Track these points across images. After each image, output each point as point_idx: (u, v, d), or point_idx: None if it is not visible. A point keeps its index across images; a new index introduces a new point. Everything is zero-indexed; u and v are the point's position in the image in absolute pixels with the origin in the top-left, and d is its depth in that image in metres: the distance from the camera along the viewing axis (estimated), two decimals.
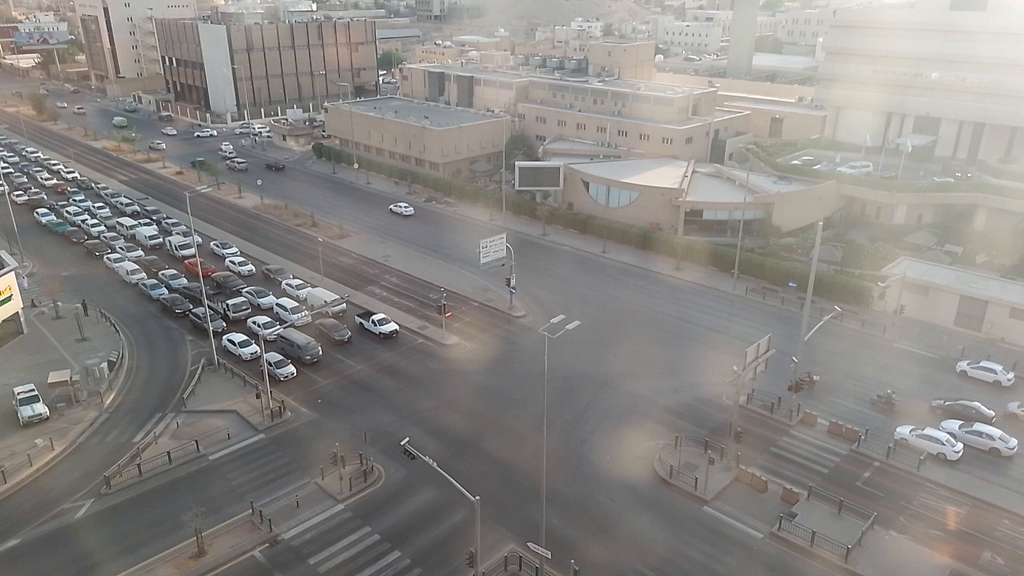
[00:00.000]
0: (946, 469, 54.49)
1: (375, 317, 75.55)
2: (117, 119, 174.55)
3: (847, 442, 57.35)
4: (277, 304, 78.97)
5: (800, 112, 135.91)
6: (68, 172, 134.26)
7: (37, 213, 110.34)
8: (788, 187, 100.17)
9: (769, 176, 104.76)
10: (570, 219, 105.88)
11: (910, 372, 67.46)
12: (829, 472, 54.50)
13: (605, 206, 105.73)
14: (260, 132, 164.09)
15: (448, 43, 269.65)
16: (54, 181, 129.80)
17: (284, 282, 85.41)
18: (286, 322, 75.19)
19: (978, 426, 57.69)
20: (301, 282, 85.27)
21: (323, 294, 79.93)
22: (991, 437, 56.59)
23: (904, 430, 57.61)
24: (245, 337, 71.62)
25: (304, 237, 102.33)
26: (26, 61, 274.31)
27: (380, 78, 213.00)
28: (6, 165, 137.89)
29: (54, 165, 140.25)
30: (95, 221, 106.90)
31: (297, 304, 78.95)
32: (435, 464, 41.36)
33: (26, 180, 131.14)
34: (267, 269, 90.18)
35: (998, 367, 66.08)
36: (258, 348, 69.11)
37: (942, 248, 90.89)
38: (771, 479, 53.05)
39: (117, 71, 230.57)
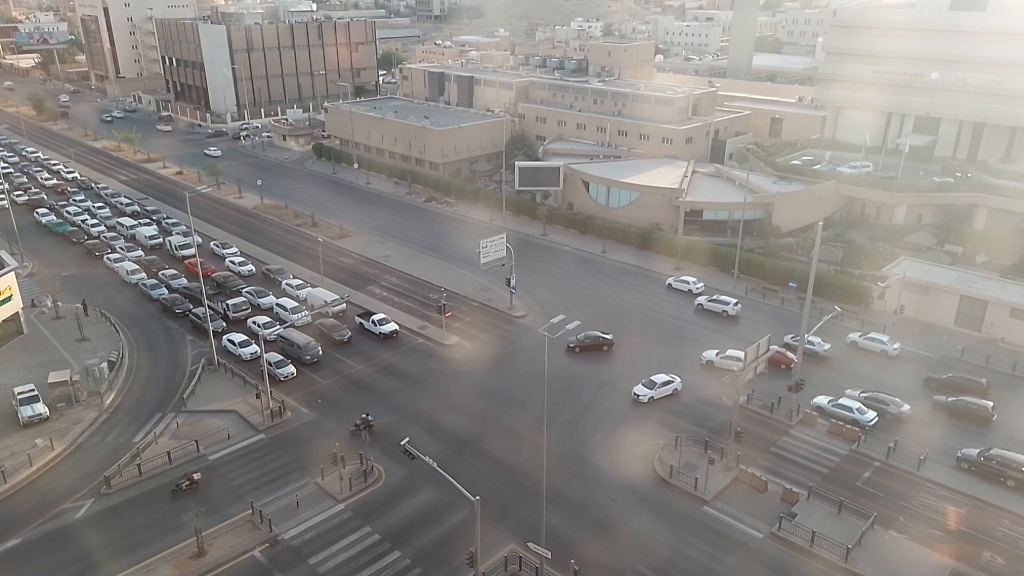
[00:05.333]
0: (946, 469, 54.52)
1: (375, 317, 75.55)
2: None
3: (847, 442, 57.36)
4: (277, 304, 78.97)
5: (800, 112, 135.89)
6: (68, 172, 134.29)
7: (37, 213, 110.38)
8: (788, 187, 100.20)
9: (769, 176, 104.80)
10: (570, 219, 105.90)
11: (907, 372, 67.51)
12: (829, 472, 54.50)
13: (605, 206, 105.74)
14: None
15: (448, 43, 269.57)
16: (54, 181, 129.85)
17: (284, 282, 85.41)
18: (286, 322, 75.19)
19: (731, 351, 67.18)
20: (301, 282, 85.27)
21: (323, 294, 79.93)
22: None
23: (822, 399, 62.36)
24: (245, 337, 71.62)
25: (304, 237, 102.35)
26: (26, 61, 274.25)
27: (380, 78, 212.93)
28: (6, 165, 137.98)
29: (54, 165, 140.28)
30: (95, 221, 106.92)
31: (297, 304, 78.96)
32: (435, 464, 41.37)
33: (26, 180, 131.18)
34: (267, 269, 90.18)
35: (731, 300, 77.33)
36: (258, 348, 69.11)
37: (942, 248, 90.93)
38: (771, 479, 53.05)
39: (117, 71, 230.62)
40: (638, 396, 62.85)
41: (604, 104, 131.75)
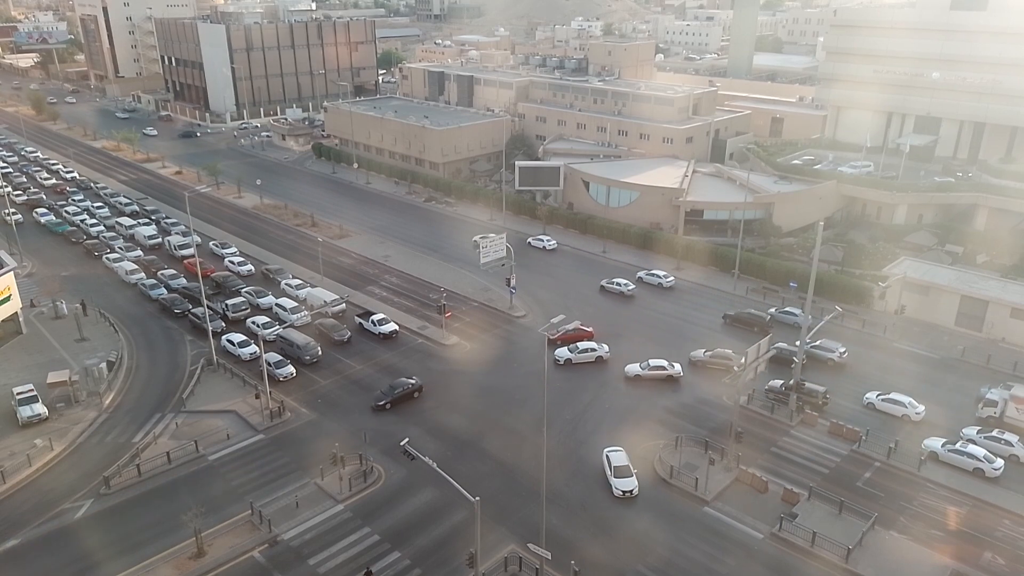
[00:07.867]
0: (946, 469, 54.45)
1: (375, 317, 75.46)
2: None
3: (847, 442, 57.29)
4: (276, 304, 78.87)
5: (800, 112, 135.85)
6: (67, 172, 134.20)
7: (36, 213, 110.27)
8: (788, 187, 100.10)
9: (769, 176, 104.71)
10: (570, 219, 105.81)
11: (910, 372, 67.43)
12: (830, 472, 54.44)
13: (605, 206, 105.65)
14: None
15: (448, 43, 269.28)
16: (53, 181, 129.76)
17: (284, 282, 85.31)
18: (285, 322, 75.11)
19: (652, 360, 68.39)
20: (301, 282, 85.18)
21: (323, 294, 79.85)
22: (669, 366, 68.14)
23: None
24: (244, 337, 71.53)
25: (304, 237, 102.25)
26: (25, 61, 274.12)
27: (380, 78, 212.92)
28: (5, 165, 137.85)
29: (53, 165, 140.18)
30: (94, 221, 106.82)
31: (297, 304, 78.87)
32: (435, 464, 41.29)
33: (25, 180, 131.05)
34: (267, 269, 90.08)
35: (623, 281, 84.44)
36: (257, 348, 68.93)
37: (943, 248, 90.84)
38: (772, 479, 52.99)
39: (116, 71, 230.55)
40: (629, 491, 51.70)
41: (604, 104, 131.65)
